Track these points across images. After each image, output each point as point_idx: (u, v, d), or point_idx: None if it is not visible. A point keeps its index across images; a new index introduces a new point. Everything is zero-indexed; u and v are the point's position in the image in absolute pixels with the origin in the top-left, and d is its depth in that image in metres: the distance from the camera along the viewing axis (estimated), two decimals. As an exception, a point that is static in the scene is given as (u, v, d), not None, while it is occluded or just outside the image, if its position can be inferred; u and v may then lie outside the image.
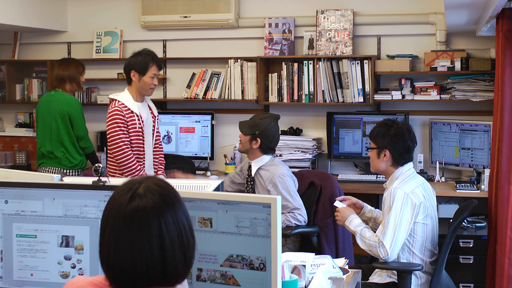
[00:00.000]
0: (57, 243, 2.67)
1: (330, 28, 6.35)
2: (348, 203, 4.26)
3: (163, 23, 6.79)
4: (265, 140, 4.92)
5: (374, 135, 4.21)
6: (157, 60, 5.06)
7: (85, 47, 7.09)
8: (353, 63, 6.19)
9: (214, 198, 2.49)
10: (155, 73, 5.02)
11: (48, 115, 5.79)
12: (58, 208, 2.66)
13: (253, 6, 6.69)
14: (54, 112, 5.75)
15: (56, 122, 5.75)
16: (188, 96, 6.67)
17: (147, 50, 5.09)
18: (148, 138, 5.10)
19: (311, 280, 3.00)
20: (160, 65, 5.09)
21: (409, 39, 6.36)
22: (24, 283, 2.71)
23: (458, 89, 5.95)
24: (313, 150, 6.33)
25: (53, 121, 5.77)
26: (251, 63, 6.50)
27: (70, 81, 5.85)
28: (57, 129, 5.76)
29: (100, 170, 2.63)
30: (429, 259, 4.04)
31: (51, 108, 5.78)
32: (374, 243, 3.90)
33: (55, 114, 5.74)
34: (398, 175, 4.09)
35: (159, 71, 5.08)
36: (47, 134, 5.81)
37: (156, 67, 5.03)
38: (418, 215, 3.97)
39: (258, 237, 2.41)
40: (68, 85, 5.85)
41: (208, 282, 2.50)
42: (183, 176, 5.45)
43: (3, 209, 2.71)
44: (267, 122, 4.94)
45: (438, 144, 6.11)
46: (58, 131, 5.76)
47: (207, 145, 6.64)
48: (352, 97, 6.19)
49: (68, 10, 7.15)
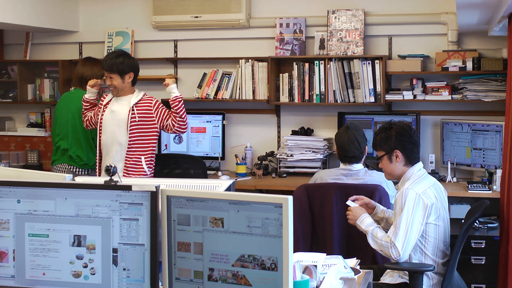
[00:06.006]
0: (69, 243, 2.67)
1: (341, 28, 6.34)
2: (361, 202, 4.24)
3: (175, 23, 6.79)
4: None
5: (378, 143, 4.20)
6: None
7: (96, 47, 7.10)
8: (364, 63, 6.18)
9: (226, 198, 2.49)
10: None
11: (66, 112, 5.83)
12: (70, 208, 2.67)
13: (264, 6, 6.69)
14: (73, 110, 5.79)
15: (74, 119, 5.79)
16: (199, 96, 6.68)
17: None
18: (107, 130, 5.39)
19: (323, 280, 3.00)
20: (104, 66, 5.41)
21: (421, 39, 6.34)
22: (36, 282, 2.71)
23: (469, 89, 5.93)
24: (324, 150, 6.32)
25: (71, 118, 5.80)
26: (262, 63, 6.49)
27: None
28: (74, 126, 5.80)
29: (112, 170, 2.63)
30: (441, 260, 4.03)
31: (70, 105, 5.83)
32: (386, 244, 3.89)
33: (74, 112, 5.78)
34: (410, 176, 4.08)
35: (107, 73, 5.39)
36: (64, 131, 5.84)
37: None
38: (430, 216, 3.95)
39: (269, 237, 2.41)
40: None
41: (219, 282, 2.50)
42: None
43: (15, 209, 2.72)
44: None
45: (450, 144, 6.09)
46: (75, 129, 5.79)
47: (218, 145, 6.64)
48: (363, 97, 6.18)
49: (79, 10, 7.17)
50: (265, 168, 6.38)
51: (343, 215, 4.36)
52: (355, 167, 4.88)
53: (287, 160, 6.33)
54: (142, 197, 2.58)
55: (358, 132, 4.95)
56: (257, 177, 6.28)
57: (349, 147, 4.87)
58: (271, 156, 6.48)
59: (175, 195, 2.58)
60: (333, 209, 4.61)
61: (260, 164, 6.35)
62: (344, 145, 4.89)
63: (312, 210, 4.72)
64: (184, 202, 2.55)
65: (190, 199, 2.55)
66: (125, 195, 2.60)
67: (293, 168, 6.34)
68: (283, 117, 6.72)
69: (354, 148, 4.87)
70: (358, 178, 4.82)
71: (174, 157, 6.16)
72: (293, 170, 6.34)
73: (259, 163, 6.36)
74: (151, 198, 2.57)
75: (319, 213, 4.70)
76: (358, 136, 4.90)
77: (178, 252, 2.58)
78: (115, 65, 5.33)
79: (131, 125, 5.31)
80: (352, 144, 4.87)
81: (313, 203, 4.72)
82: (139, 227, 2.59)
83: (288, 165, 6.35)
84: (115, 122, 5.37)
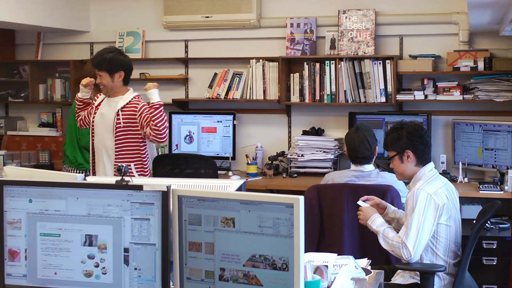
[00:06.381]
0: (80, 242, 2.68)
1: (352, 28, 6.33)
2: (372, 203, 4.23)
3: (185, 23, 6.80)
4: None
5: (389, 143, 4.19)
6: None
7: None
8: (375, 63, 6.17)
9: (237, 198, 2.49)
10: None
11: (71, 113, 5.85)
12: (81, 207, 2.67)
13: (274, 6, 6.69)
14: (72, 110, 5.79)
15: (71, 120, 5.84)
16: (210, 96, 6.68)
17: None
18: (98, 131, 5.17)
19: (334, 280, 2.99)
20: (93, 63, 5.17)
21: (432, 39, 6.33)
22: (48, 281, 2.72)
23: (481, 89, 5.91)
24: (335, 150, 6.31)
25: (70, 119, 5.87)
26: (273, 63, 6.49)
27: None
28: (70, 127, 5.91)
29: (123, 169, 2.64)
30: (452, 261, 4.01)
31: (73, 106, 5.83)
32: (397, 244, 3.87)
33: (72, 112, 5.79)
34: (421, 176, 4.06)
35: (96, 71, 5.15)
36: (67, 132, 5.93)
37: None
38: (441, 216, 3.94)
39: (280, 237, 2.40)
40: None
41: (230, 282, 2.50)
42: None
43: (27, 208, 2.73)
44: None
45: (461, 144, 6.07)
46: (70, 129, 5.90)
47: (228, 145, 6.64)
48: (374, 97, 6.17)
49: (90, 11, 7.19)
50: (275, 168, 6.38)
51: (354, 216, 4.35)
52: (366, 168, 4.87)
53: (297, 160, 6.33)
54: (153, 197, 2.59)
55: (368, 132, 4.93)
56: (268, 177, 6.28)
57: (360, 148, 4.86)
58: (282, 156, 6.48)
59: (186, 195, 2.58)
60: (344, 210, 4.60)
61: (270, 164, 6.35)
62: (354, 146, 4.88)
63: (321, 211, 4.71)
64: (195, 202, 2.56)
65: (201, 199, 2.55)
66: (136, 195, 2.61)
67: (304, 168, 6.34)
68: (294, 117, 6.72)
69: (364, 149, 4.86)
70: (370, 179, 4.80)
71: (184, 157, 6.16)
72: (304, 170, 6.34)
73: (270, 163, 6.36)
74: (162, 198, 2.58)
75: (328, 214, 4.69)
76: (368, 137, 4.89)
77: (189, 252, 2.58)
78: (104, 62, 5.06)
79: (116, 131, 5.04)
80: (362, 145, 4.85)
81: (323, 204, 4.71)
82: (150, 227, 2.60)
83: (298, 165, 6.35)
84: (104, 125, 5.13)
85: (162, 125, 4.97)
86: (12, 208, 2.74)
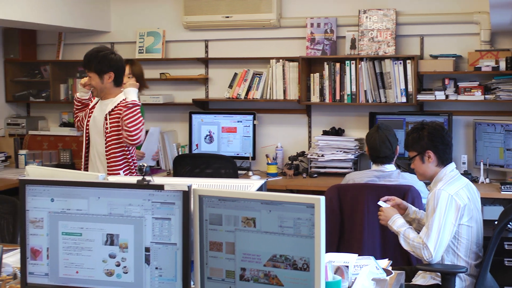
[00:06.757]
0: (102, 241, 2.69)
1: (372, 28, 6.31)
2: (392, 203, 4.21)
3: (205, 23, 6.81)
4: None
5: (410, 144, 4.17)
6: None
7: (127, 47, 7.15)
8: (396, 63, 6.14)
9: (258, 198, 2.49)
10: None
11: None
12: (103, 207, 2.68)
13: (295, 6, 6.68)
14: None
15: None
16: (230, 96, 6.69)
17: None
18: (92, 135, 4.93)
19: (354, 281, 2.99)
20: (82, 63, 4.95)
21: (453, 38, 6.29)
22: (69, 280, 2.73)
23: (503, 89, 5.88)
24: (355, 150, 6.30)
25: None
26: (293, 63, 6.49)
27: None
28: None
29: (144, 169, 2.64)
30: (474, 262, 3.99)
31: None
32: (418, 245, 3.86)
33: None
34: (442, 176, 4.04)
35: (86, 71, 4.92)
36: None
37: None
38: (463, 217, 3.92)
39: (301, 237, 2.40)
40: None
41: (251, 282, 2.50)
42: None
43: (49, 207, 2.74)
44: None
45: (483, 145, 6.03)
46: None
47: (249, 145, 6.64)
48: (395, 97, 6.15)
49: (111, 11, 7.22)
50: (295, 168, 6.37)
51: (374, 216, 4.33)
52: (387, 168, 4.85)
53: (318, 160, 6.32)
54: (174, 197, 2.59)
55: (389, 132, 4.92)
56: (288, 177, 6.28)
57: (381, 147, 4.84)
58: (302, 156, 6.47)
59: (207, 195, 2.58)
60: (365, 210, 4.58)
61: (291, 164, 6.35)
62: (375, 146, 4.86)
63: (341, 211, 4.70)
64: (216, 201, 2.56)
65: (222, 199, 2.55)
66: (157, 195, 2.61)
67: (324, 168, 6.33)
68: (314, 117, 6.71)
69: (385, 148, 4.84)
70: (391, 180, 4.78)
71: (205, 156, 6.17)
72: (324, 170, 6.33)
73: (290, 163, 6.36)
74: (183, 197, 2.58)
75: (349, 214, 4.68)
76: (389, 136, 4.87)
77: (210, 251, 2.58)
78: (93, 63, 4.80)
79: (106, 136, 4.79)
80: (383, 144, 4.84)
81: (344, 204, 4.70)
82: (171, 226, 2.60)
83: (319, 165, 6.34)
84: (95, 130, 4.89)
85: (133, 126, 4.67)
86: (34, 207, 2.75)
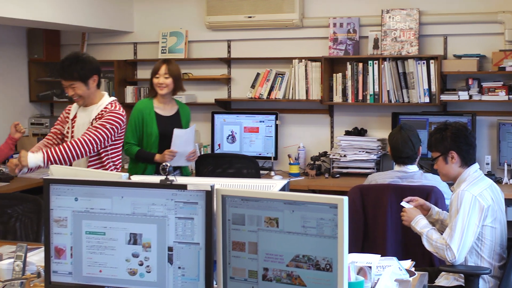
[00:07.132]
0: (125, 241, 2.70)
1: (395, 28, 6.28)
2: (415, 204, 4.19)
3: (228, 23, 6.83)
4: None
5: (433, 144, 4.14)
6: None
7: (150, 47, 7.18)
8: (419, 63, 6.11)
9: (281, 198, 2.49)
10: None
11: None
12: (126, 206, 2.70)
13: (317, 6, 6.67)
14: None
15: None
16: (252, 96, 6.70)
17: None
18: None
19: (377, 282, 2.98)
20: (62, 75, 4.60)
21: (477, 38, 6.25)
22: (93, 279, 2.75)
23: (527, 90, 5.84)
24: (378, 150, 6.28)
25: None
26: (316, 63, 6.48)
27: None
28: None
29: (167, 169, 2.65)
30: (497, 263, 3.96)
31: None
32: (441, 246, 3.83)
33: None
34: (466, 177, 4.02)
35: (67, 82, 4.59)
36: None
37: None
38: (487, 218, 3.89)
39: (324, 237, 2.40)
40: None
41: (274, 282, 2.50)
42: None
43: (73, 207, 2.76)
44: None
45: (507, 145, 5.99)
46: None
47: (271, 145, 6.65)
48: (418, 97, 6.12)
49: (134, 11, 7.26)
50: (318, 169, 6.36)
51: (397, 217, 4.31)
52: (410, 169, 4.82)
53: (340, 161, 6.31)
54: (197, 196, 2.60)
55: (412, 132, 4.89)
56: (310, 177, 6.27)
57: (403, 148, 4.82)
58: (324, 156, 6.46)
59: (230, 195, 2.59)
60: (387, 211, 4.56)
61: (313, 164, 6.34)
62: (397, 146, 4.84)
63: (365, 211, 4.68)
64: (239, 201, 2.56)
65: (245, 199, 2.55)
66: (180, 194, 2.62)
67: (346, 169, 6.31)
68: (336, 117, 6.70)
69: (407, 149, 4.82)
70: (413, 180, 4.75)
71: (227, 156, 6.19)
72: (346, 170, 6.31)
73: (312, 163, 6.35)
74: (206, 197, 2.59)
75: (372, 215, 4.67)
76: (412, 137, 4.84)
77: (232, 251, 2.59)
78: (76, 71, 4.50)
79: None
80: (405, 145, 4.81)
81: (367, 205, 4.68)
82: (194, 226, 2.61)
83: (341, 166, 6.33)
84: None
85: (95, 136, 4.45)
86: (58, 206, 2.77)
